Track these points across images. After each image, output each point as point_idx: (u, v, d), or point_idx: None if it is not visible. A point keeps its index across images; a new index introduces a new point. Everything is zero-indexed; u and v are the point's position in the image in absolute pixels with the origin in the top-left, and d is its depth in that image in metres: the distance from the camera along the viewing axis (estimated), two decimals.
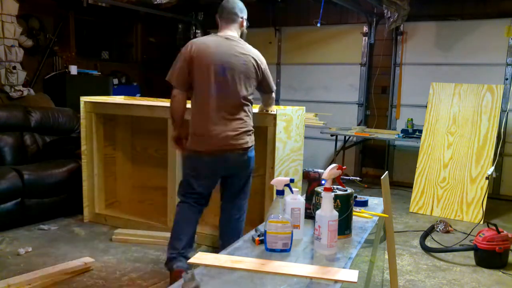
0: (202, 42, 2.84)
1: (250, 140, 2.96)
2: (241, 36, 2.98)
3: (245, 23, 3.01)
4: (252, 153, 3.01)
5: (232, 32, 2.93)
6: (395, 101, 6.45)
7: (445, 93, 5.20)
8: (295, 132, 3.66)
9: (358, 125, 6.53)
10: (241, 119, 2.88)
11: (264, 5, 6.96)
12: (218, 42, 2.84)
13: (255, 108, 3.35)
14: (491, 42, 5.72)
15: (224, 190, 3.11)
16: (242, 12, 2.98)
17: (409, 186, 5.51)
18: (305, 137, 3.92)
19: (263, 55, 3.05)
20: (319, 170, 2.03)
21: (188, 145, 2.92)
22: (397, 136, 5.75)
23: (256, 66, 2.90)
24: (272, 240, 1.64)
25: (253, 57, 2.90)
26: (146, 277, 3.17)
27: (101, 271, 3.23)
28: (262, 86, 3.04)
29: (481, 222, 4.61)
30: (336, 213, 1.67)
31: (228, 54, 2.81)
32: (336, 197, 1.75)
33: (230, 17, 2.93)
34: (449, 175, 4.98)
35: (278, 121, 3.38)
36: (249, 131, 2.96)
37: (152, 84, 7.64)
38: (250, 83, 2.90)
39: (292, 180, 1.75)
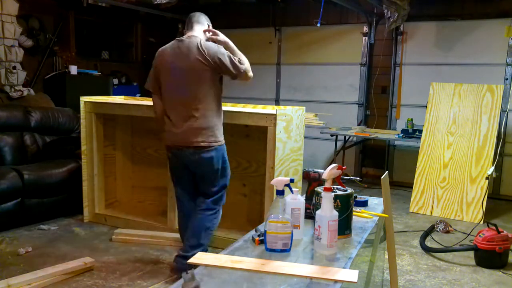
0: (163, 48, 3.07)
1: (207, 139, 2.94)
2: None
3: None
4: (211, 154, 2.97)
5: (194, 33, 3.03)
6: (395, 101, 6.45)
7: (445, 93, 5.20)
8: (295, 132, 3.66)
9: (358, 125, 6.53)
10: (194, 117, 2.91)
11: (264, 5, 6.95)
12: (174, 44, 3.00)
13: (250, 108, 3.36)
14: (491, 42, 5.72)
15: (195, 189, 3.19)
16: (208, 21, 3.21)
17: (409, 186, 5.51)
18: (305, 137, 3.92)
19: (263, 55, 3.06)
20: (319, 170, 2.03)
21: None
22: (397, 136, 5.75)
23: (202, 58, 2.87)
24: (272, 240, 1.64)
25: (198, 50, 2.88)
26: (146, 277, 3.17)
27: (101, 271, 3.23)
28: (222, 72, 2.96)
29: (481, 222, 4.61)
30: (336, 213, 1.67)
31: (181, 55, 2.92)
32: (336, 197, 1.74)
33: (194, 22, 3.11)
34: (449, 175, 4.98)
35: (278, 121, 3.38)
36: (205, 129, 2.93)
37: None
38: (204, 79, 2.90)
39: (292, 180, 1.75)
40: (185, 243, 3.11)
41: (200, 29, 3.09)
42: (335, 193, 1.78)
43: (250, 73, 3.02)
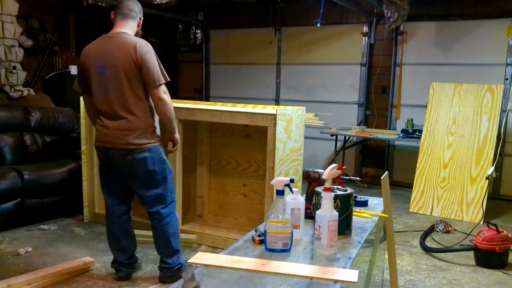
0: (88, 46, 2.87)
1: (137, 141, 2.76)
2: (135, 35, 2.86)
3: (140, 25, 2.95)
4: (142, 155, 2.77)
5: (124, 29, 2.82)
6: (395, 101, 6.45)
7: (445, 93, 5.20)
8: (295, 132, 3.66)
9: (358, 125, 6.53)
10: (124, 118, 2.74)
11: (264, 5, 6.96)
12: (102, 41, 2.82)
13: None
14: (491, 42, 5.72)
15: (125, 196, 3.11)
16: (141, 13, 2.94)
17: (409, 186, 5.51)
18: (305, 137, 3.92)
19: (263, 55, 3.02)
20: (319, 170, 2.03)
21: None
22: (397, 136, 5.75)
23: (134, 58, 2.67)
24: (272, 240, 1.64)
25: (133, 47, 2.68)
26: (146, 277, 3.17)
27: (101, 271, 3.23)
28: (142, 76, 2.70)
29: (481, 222, 4.61)
30: (336, 213, 1.67)
31: (109, 52, 2.72)
32: (336, 197, 1.74)
33: (126, 14, 2.88)
34: (449, 175, 4.98)
35: (278, 121, 3.38)
36: (135, 130, 2.75)
37: None
38: (134, 78, 2.70)
39: (292, 180, 1.75)
40: (159, 254, 3.05)
41: (132, 26, 2.87)
42: (335, 193, 1.78)
43: (167, 99, 2.73)
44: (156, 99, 2.72)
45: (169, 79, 2.77)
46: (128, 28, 2.84)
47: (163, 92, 2.72)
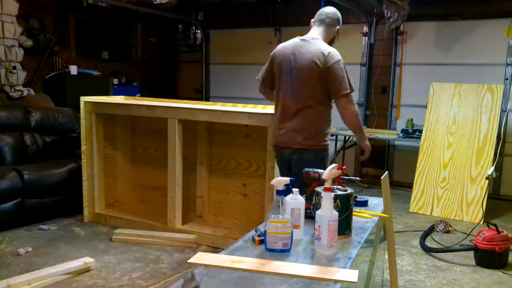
0: (283, 44, 2.99)
1: (305, 141, 2.88)
2: (330, 43, 2.92)
3: (337, 35, 2.99)
4: (308, 155, 2.87)
5: (317, 35, 2.91)
6: (395, 101, 6.45)
7: (445, 93, 5.20)
8: None
9: None
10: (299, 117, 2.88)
11: (264, 5, 6.95)
12: (295, 43, 2.92)
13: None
14: (491, 42, 5.71)
15: None
16: (339, 23, 2.97)
17: (409, 186, 5.51)
18: None
19: (263, 55, 3.05)
20: (319, 170, 2.03)
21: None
22: (397, 136, 5.75)
23: (321, 64, 2.77)
24: (272, 240, 1.64)
25: (322, 54, 2.78)
26: (146, 277, 3.17)
27: (101, 271, 3.23)
28: (328, 84, 2.86)
29: (481, 222, 4.61)
30: (336, 213, 1.67)
31: (298, 55, 2.82)
32: (336, 197, 1.74)
33: (323, 20, 2.94)
34: (449, 175, 4.98)
35: None
36: (304, 131, 2.86)
37: (152, 84, 7.64)
38: (317, 84, 2.82)
39: (292, 180, 1.75)
40: None
41: (326, 33, 2.93)
42: (335, 193, 1.78)
43: (351, 108, 2.89)
44: (340, 107, 2.86)
45: (354, 90, 2.91)
46: (321, 35, 2.91)
47: (348, 102, 2.85)
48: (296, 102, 2.80)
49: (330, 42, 2.94)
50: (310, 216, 1.87)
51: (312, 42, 2.84)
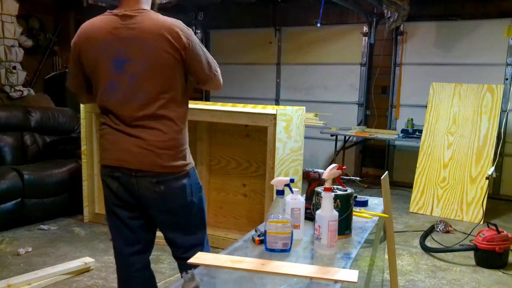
0: (88, 27, 1.93)
1: (173, 162, 1.97)
2: (152, 7, 2.04)
3: None
4: (180, 182, 1.99)
5: (141, 4, 1.95)
6: (395, 101, 6.45)
7: (445, 93, 5.20)
8: (295, 132, 3.66)
9: (358, 125, 6.53)
10: (153, 128, 1.91)
11: (264, 5, 6.95)
12: (111, 22, 1.88)
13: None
14: (491, 42, 5.72)
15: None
16: None
17: (409, 186, 5.51)
18: (305, 137, 3.92)
19: (263, 55, 2.91)
20: (319, 170, 2.03)
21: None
22: (397, 136, 5.75)
23: (177, 45, 1.85)
24: (272, 240, 1.64)
25: (169, 31, 1.87)
26: None
27: (101, 271, 3.23)
28: (191, 69, 1.95)
29: (481, 222, 4.61)
30: (336, 213, 1.67)
31: (130, 39, 1.85)
32: (336, 197, 1.74)
33: None
34: (449, 175, 4.98)
35: (278, 121, 3.38)
36: (169, 147, 1.95)
37: None
38: (172, 74, 1.89)
39: (292, 180, 1.75)
40: None
41: None
42: (335, 193, 1.78)
43: (221, 79, 2.03)
44: (208, 87, 2.07)
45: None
46: (145, 3, 1.97)
47: (218, 80, 2.01)
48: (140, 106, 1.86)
49: (152, 7, 2.03)
50: (310, 217, 1.88)
51: (142, 15, 1.88)
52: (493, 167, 4.72)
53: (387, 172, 2.32)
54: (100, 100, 1.93)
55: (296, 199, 1.78)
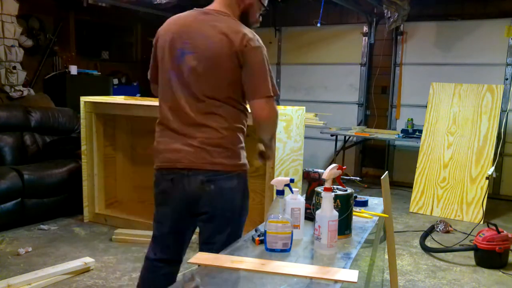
0: (170, 19, 2.03)
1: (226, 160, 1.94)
2: (242, 20, 1.94)
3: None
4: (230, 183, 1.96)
5: (221, 6, 1.93)
6: (395, 101, 6.44)
7: (445, 93, 5.20)
8: (295, 132, 3.66)
9: (358, 125, 6.53)
10: (207, 126, 1.91)
11: None
12: (189, 17, 1.95)
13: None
14: (491, 42, 5.71)
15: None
16: None
17: (409, 186, 5.51)
18: (305, 137, 3.92)
19: None
20: (319, 170, 2.03)
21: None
22: (397, 136, 5.75)
23: (236, 49, 1.82)
24: (272, 240, 1.64)
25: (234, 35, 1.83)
26: None
27: (101, 271, 3.23)
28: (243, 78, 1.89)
29: (481, 222, 4.61)
30: (336, 213, 1.67)
31: (195, 33, 1.88)
32: (336, 197, 1.74)
33: None
34: (449, 175, 4.98)
35: (277, 121, 3.37)
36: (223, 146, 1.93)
37: None
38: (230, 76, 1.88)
39: (292, 180, 1.75)
40: None
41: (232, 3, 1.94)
42: (335, 193, 1.78)
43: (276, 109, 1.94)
44: (257, 110, 1.90)
45: (278, 94, 2.06)
46: (223, 4, 1.94)
47: (271, 106, 1.91)
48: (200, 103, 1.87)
49: (243, 16, 1.96)
50: (310, 218, 1.88)
51: (216, 16, 1.89)
52: (493, 167, 4.72)
53: (387, 172, 2.32)
54: (160, 90, 1.96)
55: (296, 199, 1.78)
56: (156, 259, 2.04)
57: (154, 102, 4.35)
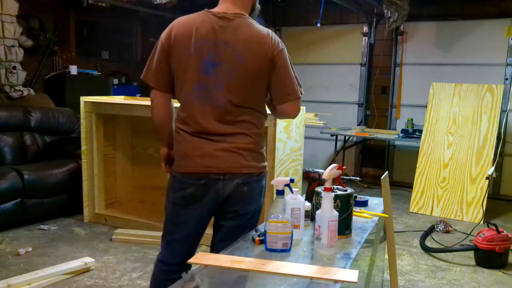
0: (183, 23, 1.96)
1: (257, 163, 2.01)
2: (251, 14, 1.98)
3: None
4: (261, 183, 2.03)
5: (238, 9, 1.91)
6: (395, 101, 6.44)
7: (445, 93, 5.20)
8: (295, 132, 3.66)
9: (358, 125, 6.53)
10: (241, 133, 1.97)
11: (264, 5, 6.94)
12: (209, 23, 1.87)
13: None
14: (491, 42, 5.71)
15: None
16: None
17: (409, 186, 5.51)
18: (305, 137, 3.91)
19: None
20: (319, 170, 2.03)
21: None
22: (397, 136, 5.75)
23: (270, 56, 1.88)
24: (272, 240, 1.64)
25: (267, 40, 1.89)
26: (146, 277, 3.16)
27: (101, 271, 3.23)
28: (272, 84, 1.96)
29: (481, 222, 4.61)
30: (336, 213, 1.67)
31: (226, 42, 1.85)
32: (336, 197, 1.74)
33: None
34: (449, 175, 4.98)
35: (278, 121, 3.38)
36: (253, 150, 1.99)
37: None
38: (261, 84, 1.94)
39: (292, 180, 1.75)
40: None
41: (245, 3, 1.94)
42: (335, 193, 1.78)
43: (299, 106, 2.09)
44: (284, 114, 2.05)
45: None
46: (244, 8, 1.93)
47: (298, 107, 2.07)
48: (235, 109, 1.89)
49: (252, 9, 2.00)
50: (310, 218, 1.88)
51: (240, 20, 1.87)
52: (493, 167, 4.72)
53: (387, 172, 2.32)
54: (184, 101, 1.90)
55: (296, 199, 1.78)
56: (174, 263, 2.04)
57: None
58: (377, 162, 6.60)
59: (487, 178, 4.71)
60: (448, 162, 5.02)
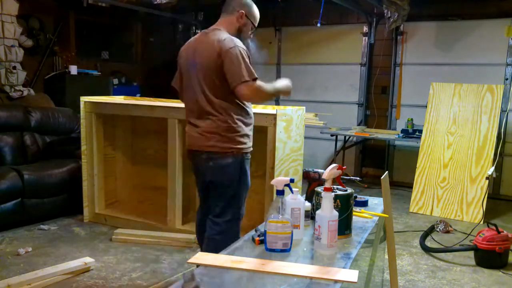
0: (187, 42, 2.69)
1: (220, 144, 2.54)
2: (238, 35, 2.57)
3: (244, 19, 2.59)
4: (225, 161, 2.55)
5: (218, 25, 2.58)
6: (395, 101, 6.44)
7: (445, 93, 5.20)
8: (295, 132, 3.66)
9: (358, 125, 6.53)
10: (208, 118, 2.55)
11: (264, 5, 6.93)
12: (197, 37, 2.62)
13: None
14: (491, 42, 5.71)
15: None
16: (240, 6, 2.58)
17: (409, 186, 5.51)
18: (305, 137, 3.91)
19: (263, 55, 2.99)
20: (319, 170, 2.03)
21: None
22: (397, 136, 5.75)
23: (218, 53, 2.42)
24: (272, 240, 1.64)
25: (217, 42, 2.45)
26: (146, 277, 3.17)
27: (101, 271, 3.23)
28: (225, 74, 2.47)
29: (481, 222, 4.61)
30: (336, 213, 1.67)
31: (197, 49, 2.54)
32: (336, 197, 1.74)
33: (225, 8, 2.60)
34: (449, 175, 4.98)
35: (278, 121, 3.38)
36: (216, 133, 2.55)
37: (152, 84, 7.64)
38: (215, 76, 2.48)
39: (292, 180, 1.75)
40: None
41: (228, 21, 2.58)
42: (335, 193, 1.78)
43: (261, 89, 2.46)
44: (240, 96, 2.44)
45: (256, 77, 2.42)
46: (222, 24, 2.57)
47: (252, 89, 2.38)
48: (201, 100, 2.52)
49: (238, 32, 2.59)
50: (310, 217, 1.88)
51: (212, 33, 2.50)
52: (493, 167, 4.72)
53: (387, 172, 2.32)
54: (182, 97, 2.69)
55: (296, 199, 1.78)
56: (203, 212, 2.73)
57: (154, 102, 4.35)
58: (377, 162, 6.60)
59: (487, 178, 4.71)
60: (448, 162, 5.02)
